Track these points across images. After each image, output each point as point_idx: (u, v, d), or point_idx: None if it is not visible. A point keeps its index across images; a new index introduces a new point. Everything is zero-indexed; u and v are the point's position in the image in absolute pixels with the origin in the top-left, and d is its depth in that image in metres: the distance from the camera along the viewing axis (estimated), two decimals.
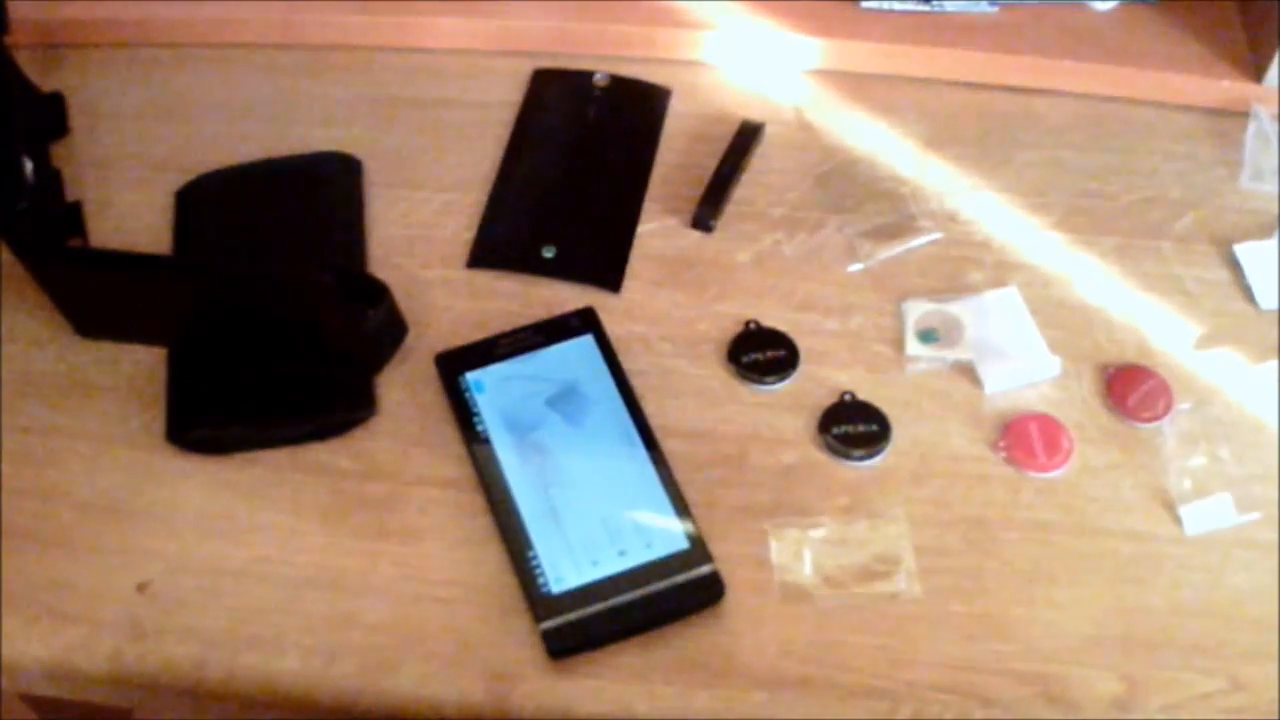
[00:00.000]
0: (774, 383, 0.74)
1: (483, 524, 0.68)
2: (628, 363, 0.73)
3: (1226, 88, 0.86)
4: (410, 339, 0.75)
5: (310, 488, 0.70)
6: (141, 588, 0.66)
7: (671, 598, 0.65)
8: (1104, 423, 0.72)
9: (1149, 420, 0.72)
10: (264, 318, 0.73)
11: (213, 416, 0.72)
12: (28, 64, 0.85)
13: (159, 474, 0.70)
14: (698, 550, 0.66)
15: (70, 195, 0.82)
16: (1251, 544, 0.68)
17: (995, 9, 0.89)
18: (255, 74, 0.89)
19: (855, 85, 0.88)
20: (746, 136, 0.84)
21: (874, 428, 0.71)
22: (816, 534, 0.68)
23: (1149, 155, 0.84)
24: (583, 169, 0.84)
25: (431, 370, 0.74)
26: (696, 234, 0.80)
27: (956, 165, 0.84)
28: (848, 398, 0.73)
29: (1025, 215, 0.81)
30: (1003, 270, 0.78)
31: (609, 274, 0.78)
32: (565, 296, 0.77)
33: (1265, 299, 0.77)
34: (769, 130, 0.85)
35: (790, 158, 0.84)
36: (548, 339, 0.74)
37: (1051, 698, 0.63)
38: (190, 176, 0.82)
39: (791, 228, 0.80)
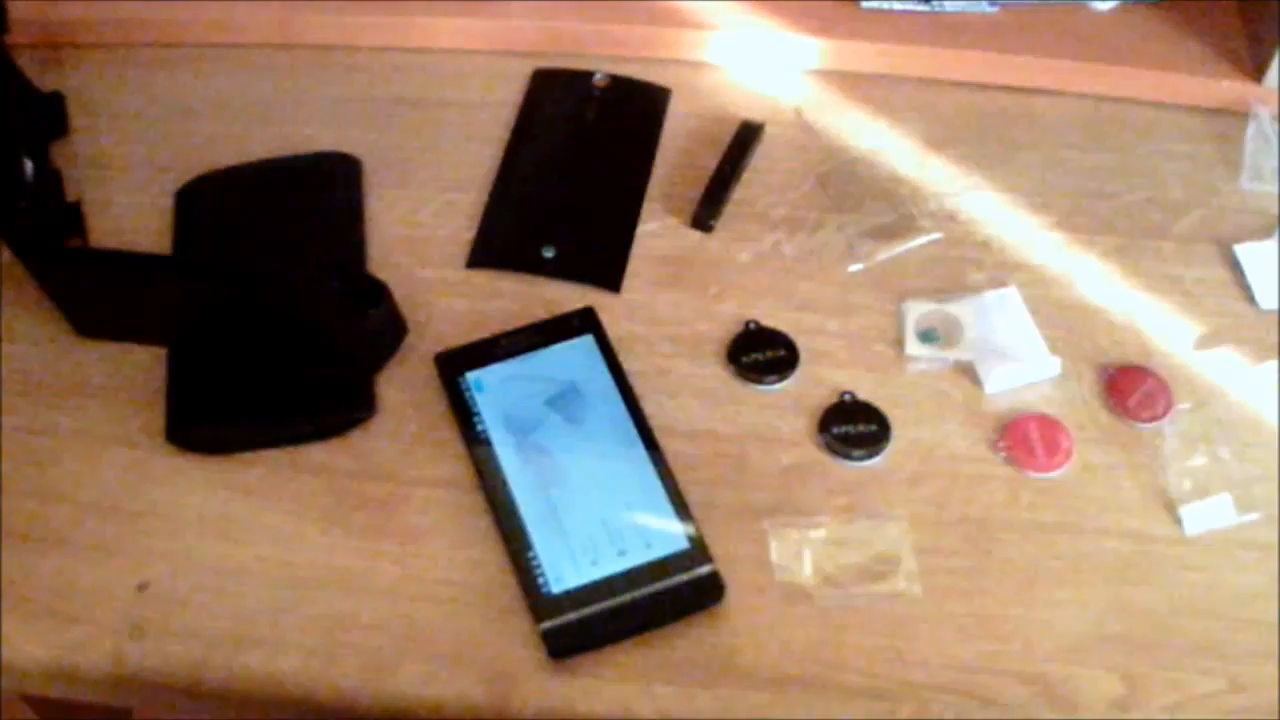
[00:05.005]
0: (774, 383, 0.74)
1: (483, 524, 0.68)
2: (628, 363, 0.73)
3: (1226, 88, 0.86)
4: (410, 339, 0.75)
5: (310, 488, 0.70)
6: (142, 588, 0.66)
7: (671, 598, 0.65)
8: (1104, 423, 0.72)
9: (1149, 420, 0.72)
10: (264, 318, 0.73)
11: (212, 416, 0.72)
12: (28, 64, 0.85)
13: (159, 474, 0.70)
14: (698, 550, 0.66)
15: (70, 195, 0.82)
16: (1251, 544, 0.68)
17: (995, 9, 0.89)
18: (255, 74, 0.89)
19: (855, 85, 0.88)
20: (746, 136, 0.84)
21: (874, 428, 0.71)
22: (816, 534, 0.68)
23: (1149, 155, 0.84)
24: (583, 169, 0.84)
25: (431, 370, 0.74)
26: (696, 234, 0.80)
27: (956, 165, 0.84)
28: (848, 398, 0.73)
29: (1025, 215, 0.81)
30: (1003, 270, 0.78)
31: (609, 274, 0.78)
32: (565, 296, 0.77)
33: (1265, 299, 0.77)
34: (769, 130, 0.85)
35: (790, 158, 0.84)
36: (548, 339, 0.74)
37: (1051, 698, 0.63)
38: (190, 176, 0.82)
39: (791, 228, 0.80)
